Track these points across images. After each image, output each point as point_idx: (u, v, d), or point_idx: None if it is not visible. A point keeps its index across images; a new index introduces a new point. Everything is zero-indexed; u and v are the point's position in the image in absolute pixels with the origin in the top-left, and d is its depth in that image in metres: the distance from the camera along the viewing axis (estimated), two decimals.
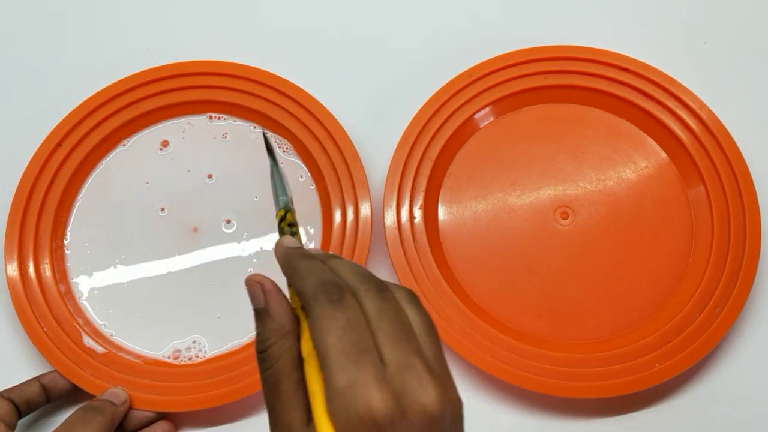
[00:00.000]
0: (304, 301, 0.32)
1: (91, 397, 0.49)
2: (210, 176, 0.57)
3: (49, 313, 0.52)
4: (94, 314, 0.53)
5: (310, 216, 0.56)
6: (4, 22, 0.65)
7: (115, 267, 0.55)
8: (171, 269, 0.54)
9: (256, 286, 0.34)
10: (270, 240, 0.55)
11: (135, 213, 0.56)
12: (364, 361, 0.29)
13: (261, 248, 0.55)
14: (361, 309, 0.31)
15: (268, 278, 0.34)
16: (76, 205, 0.56)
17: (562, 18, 0.65)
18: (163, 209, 0.56)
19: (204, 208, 0.56)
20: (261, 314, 0.33)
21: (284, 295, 0.34)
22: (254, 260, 0.54)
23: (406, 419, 0.29)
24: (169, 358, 0.52)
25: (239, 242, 0.55)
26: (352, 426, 0.28)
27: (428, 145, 0.56)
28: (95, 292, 0.54)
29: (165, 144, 0.58)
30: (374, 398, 0.28)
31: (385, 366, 0.30)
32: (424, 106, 0.57)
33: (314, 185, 0.56)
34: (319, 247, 0.55)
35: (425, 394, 0.29)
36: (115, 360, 0.51)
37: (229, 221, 0.56)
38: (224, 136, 0.58)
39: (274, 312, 0.33)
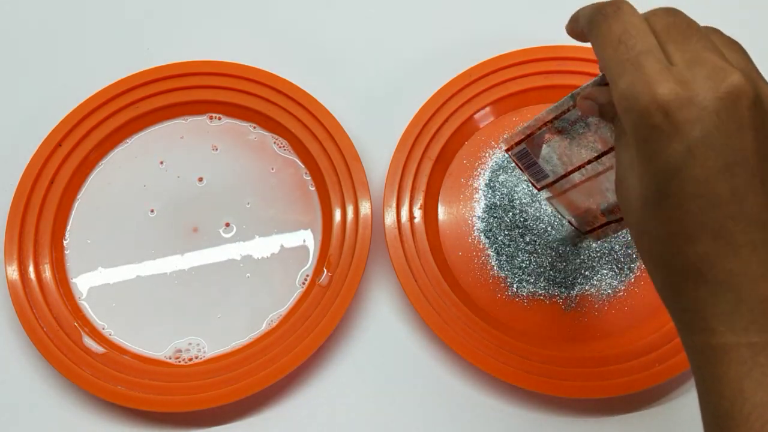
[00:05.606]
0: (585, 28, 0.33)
1: (91, 397, 0.49)
2: (200, 180, 0.57)
3: (49, 313, 0.52)
4: (94, 314, 0.53)
5: (311, 216, 0.56)
6: (5, 22, 0.65)
7: (115, 267, 0.55)
8: (171, 269, 0.54)
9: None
10: (269, 240, 0.55)
11: (135, 213, 0.56)
12: (642, 60, 0.29)
13: (261, 247, 0.55)
14: (649, 26, 0.30)
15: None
16: (76, 205, 0.56)
17: (562, 18, 0.65)
18: (160, 210, 0.56)
19: (204, 210, 0.56)
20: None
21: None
22: (254, 259, 0.55)
23: (695, 104, 0.28)
24: (169, 358, 0.52)
25: (239, 243, 0.55)
26: (639, 125, 0.28)
27: (428, 145, 0.56)
28: (95, 292, 0.54)
29: (165, 144, 0.58)
30: (655, 90, 0.28)
31: (672, 66, 0.29)
32: (424, 106, 0.57)
33: (314, 185, 0.56)
34: (318, 248, 0.55)
35: (720, 79, 0.28)
36: (115, 360, 0.51)
37: (228, 224, 0.56)
38: (223, 137, 0.58)
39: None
